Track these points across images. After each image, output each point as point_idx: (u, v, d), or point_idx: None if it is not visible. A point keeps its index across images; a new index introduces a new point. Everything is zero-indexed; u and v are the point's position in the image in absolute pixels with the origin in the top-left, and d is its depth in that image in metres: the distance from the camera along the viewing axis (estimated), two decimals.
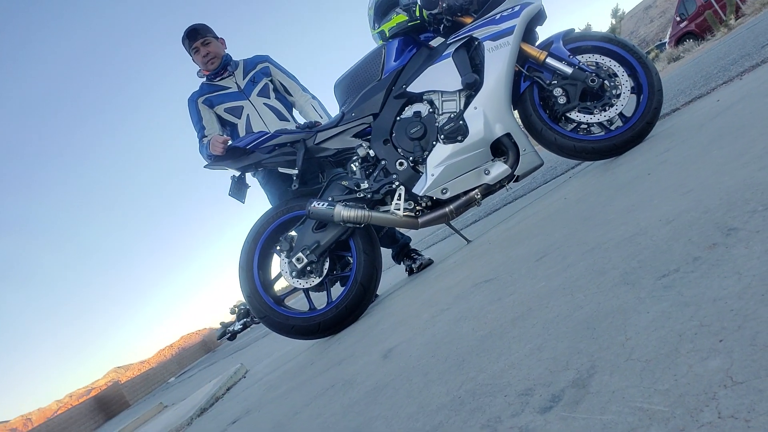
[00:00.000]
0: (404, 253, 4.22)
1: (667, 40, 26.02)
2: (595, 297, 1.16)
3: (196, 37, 4.11)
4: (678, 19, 22.75)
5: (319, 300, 3.55)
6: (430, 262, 4.07)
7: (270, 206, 4.08)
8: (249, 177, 3.74)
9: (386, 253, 4.07)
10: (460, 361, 1.31)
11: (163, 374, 23.14)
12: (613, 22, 24.26)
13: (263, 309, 3.37)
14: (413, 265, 4.10)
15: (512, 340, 1.22)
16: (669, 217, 1.40)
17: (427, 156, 3.27)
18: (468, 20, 3.43)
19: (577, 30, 3.60)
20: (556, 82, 3.30)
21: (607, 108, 3.26)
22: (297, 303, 3.57)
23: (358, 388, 1.64)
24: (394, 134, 3.37)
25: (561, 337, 1.06)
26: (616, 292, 1.11)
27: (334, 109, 4.01)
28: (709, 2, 20.48)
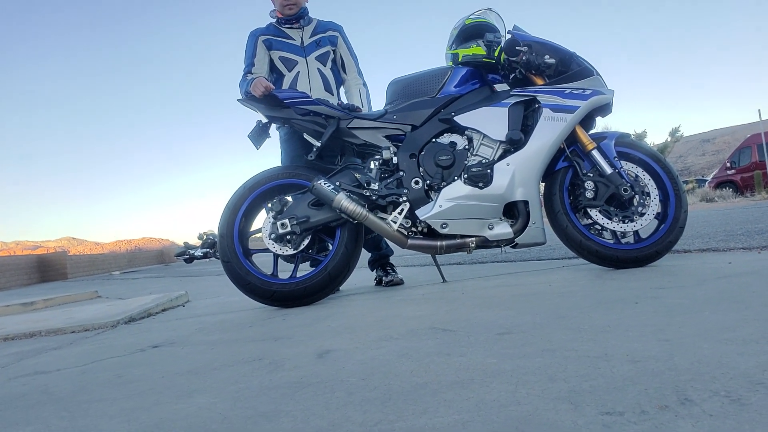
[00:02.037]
0: (381, 263, 4.21)
1: (709, 179, 26.17)
2: (536, 400, 1.16)
3: None
4: (728, 164, 22.89)
5: (284, 270, 3.54)
6: (400, 282, 4.06)
7: (280, 164, 4.08)
8: (273, 128, 3.73)
9: (364, 254, 4.06)
10: (386, 397, 1.30)
11: (111, 264, 23.04)
12: (668, 140, 24.32)
13: (229, 254, 3.37)
14: (384, 278, 4.09)
15: (442, 403, 1.22)
16: (637, 356, 1.40)
17: (444, 186, 3.27)
18: (539, 81, 3.44)
19: (633, 135, 3.61)
20: (591, 175, 3.31)
21: (626, 221, 3.27)
22: (262, 262, 3.55)
23: (282, 375, 1.63)
24: (423, 152, 3.37)
25: (488, 424, 1.06)
26: (557, 406, 1.11)
27: (377, 104, 4.01)
28: (763, 162, 20.58)
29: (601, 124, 3.55)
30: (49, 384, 1.90)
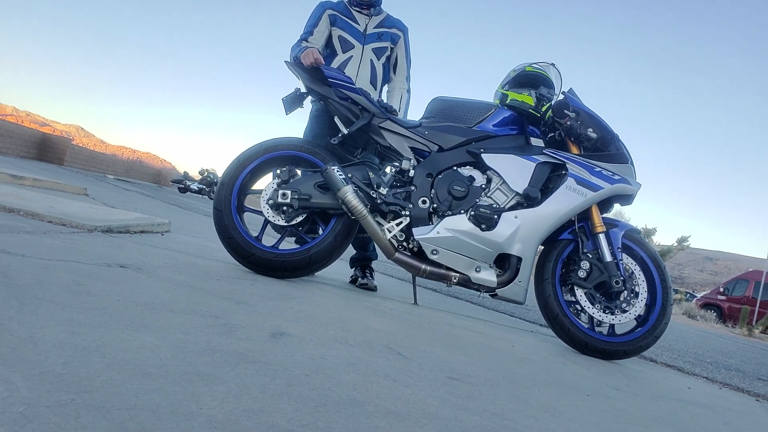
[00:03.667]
0: (362, 264, 4.21)
1: (698, 296, 26.22)
2: None
3: None
4: (721, 289, 22.95)
5: (269, 236, 3.54)
6: (374, 289, 4.06)
7: (302, 136, 4.08)
8: (308, 100, 3.74)
9: (349, 250, 4.07)
10: (321, 402, 1.30)
11: (108, 167, 23.00)
12: (674, 245, 24.36)
13: (223, 204, 3.36)
14: (360, 279, 4.09)
15: (372, 428, 1.22)
16: None
17: (448, 215, 3.28)
18: (574, 149, 3.44)
19: (642, 230, 3.62)
20: (591, 256, 3.31)
21: (607, 312, 3.28)
22: (251, 222, 3.55)
23: (232, 342, 1.63)
24: (440, 176, 3.37)
25: None
26: None
27: (414, 111, 4.01)
28: (755, 300, 20.66)
29: (616, 208, 3.55)
30: (11, 267, 1.90)
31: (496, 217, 3.22)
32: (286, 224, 3.37)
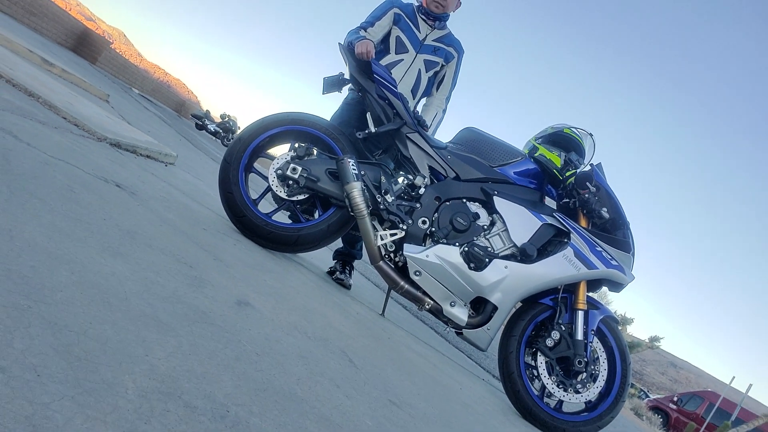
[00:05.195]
0: (344, 260, 4.21)
1: (651, 397, 26.28)
2: None
3: None
4: (675, 398, 23.01)
5: (265, 203, 3.54)
6: (347, 287, 4.06)
7: (332, 118, 4.09)
8: (347, 87, 3.75)
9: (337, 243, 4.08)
10: (263, 386, 1.30)
11: (135, 81, 22.95)
12: (644, 342, 24.41)
13: (234, 158, 3.36)
14: (337, 274, 4.09)
15: (301, 429, 1.22)
16: None
17: (442, 243, 3.28)
18: (583, 222, 3.45)
19: (620, 318, 3.62)
20: (564, 329, 3.31)
21: (560, 386, 3.27)
22: (253, 185, 3.55)
23: (197, 297, 1.63)
24: (447, 203, 3.38)
25: None
26: None
27: (446, 132, 4.03)
28: (703, 420, 20.70)
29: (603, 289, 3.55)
30: (13, 153, 1.90)
31: (487, 260, 3.22)
32: (286, 197, 3.37)
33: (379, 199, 3.30)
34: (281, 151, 3.50)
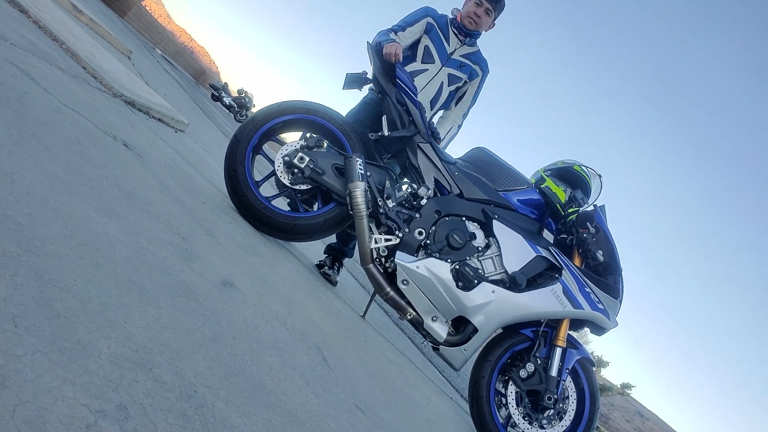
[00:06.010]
0: (335, 256, 4.21)
1: None
2: None
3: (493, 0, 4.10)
4: None
5: (267, 188, 3.54)
6: (333, 283, 4.05)
7: (347, 115, 4.08)
8: (368, 87, 3.76)
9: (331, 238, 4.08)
10: (234, 371, 1.30)
11: (160, 42, 22.91)
12: (616, 387, 24.43)
13: (244, 137, 3.36)
14: (325, 268, 4.08)
15: (264, 422, 1.22)
16: None
17: (434, 257, 3.27)
18: (577, 261, 3.44)
19: (596, 359, 3.62)
20: (539, 362, 3.30)
21: (526, 419, 3.27)
22: (259, 167, 3.55)
23: (184, 270, 1.63)
24: (446, 218, 3.37)
25: None
26: None
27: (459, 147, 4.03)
28: None
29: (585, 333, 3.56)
30: (28, 96, 1.89)
31: (476, 281, 3.22)
32: (289, 185, 3.37)
33: (380, 203, 3.30)
34: (292, 138, 3.50)
